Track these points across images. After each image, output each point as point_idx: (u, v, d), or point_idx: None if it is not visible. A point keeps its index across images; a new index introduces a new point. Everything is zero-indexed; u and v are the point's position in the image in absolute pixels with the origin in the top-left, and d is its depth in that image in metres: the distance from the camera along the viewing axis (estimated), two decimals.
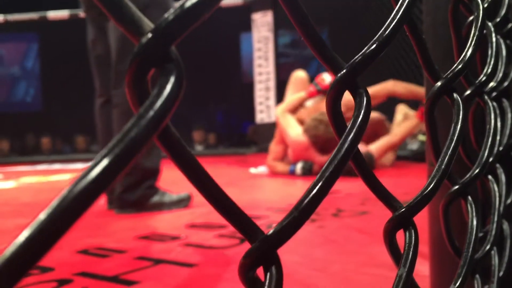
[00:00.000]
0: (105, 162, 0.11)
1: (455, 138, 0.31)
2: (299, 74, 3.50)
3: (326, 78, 3.31)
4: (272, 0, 5.28)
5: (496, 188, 0.40)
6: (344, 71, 0.21)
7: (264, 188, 2.71)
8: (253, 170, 3.53)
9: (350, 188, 2.42)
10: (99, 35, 1.98)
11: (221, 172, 3.40)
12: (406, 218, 0.28)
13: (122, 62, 1.85)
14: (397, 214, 0.27)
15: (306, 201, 0.16)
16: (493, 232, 0.38)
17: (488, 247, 0.37)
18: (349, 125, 0.20)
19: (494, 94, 0.43)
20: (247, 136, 6.57)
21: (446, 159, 0.30)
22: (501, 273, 0.40)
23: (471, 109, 0.41)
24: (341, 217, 1.63)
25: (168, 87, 0.12)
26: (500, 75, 0.43)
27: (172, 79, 0.12)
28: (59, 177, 3.63)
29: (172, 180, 2.26)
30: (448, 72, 0.33)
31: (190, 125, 6.56)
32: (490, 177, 0.40)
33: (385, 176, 2.94)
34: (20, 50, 7.57)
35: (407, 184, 2.43)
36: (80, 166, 4.58)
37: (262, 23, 5.29)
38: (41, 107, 7.85)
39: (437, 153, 0.32)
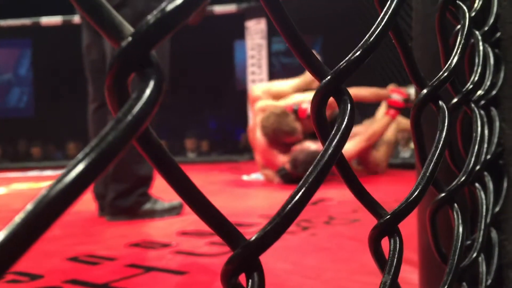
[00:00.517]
0: (81, 166, 0.11)
1: (440, 145, 0.31)
2: (254, 90, 3.38)
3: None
4: None
5: (483, 196, 0.40)
6: (329, 77, 0.21)
7: (257, 196, 2.70)
8: (245, 177, 3.52)
9: (342, 196, 2.42)
10: (94, 40, 1.98)
11: (213, 179, 3.40)
12: (391, 225, 0.28)
13: None
14: (382, 221, 0.27)
15: (288, 207, 0.16)
16: (480, 240, 0.38)
17: (475, 254, 0.38)
18: (333, 131, 0.20)
19: (482, 102, 0.44)
20: (240, 143, 6.57)
21: (431, 166, 0.30)
22: (489, 282, 0.40)
23: (459, 117, 0.41)
24: (333, 224, 1.63)
25: (147, 92, 0.12)
26: (488, 83, 0.43)
27: (151, 84, 0.12)
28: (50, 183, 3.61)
29: (164, 188, 2.24)
30: (434, 80, 0.33)
31: (183, 132, 6.56)
32: (477, 185, 0.40)
33: (377, 183, 2.94)
34: (13, 56, 7.54)
35: (398, 192, 2.44)
36: None
37: (256, 31, 5.31)
38: (34, 113, 7.81)
39: (423, 160, 0.32)
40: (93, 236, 1.57)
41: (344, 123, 0.20)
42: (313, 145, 2.88)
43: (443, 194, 0.35)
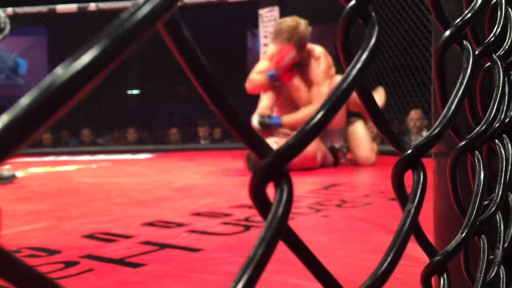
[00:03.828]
0: (104, 44, 0.11)
1: (465, 82, 0.31)
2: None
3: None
4: None
5: (503, 152, 0.40)
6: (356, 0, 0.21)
7: None
8: None
9: (355, 181, 2.43)
10: None
11: (226, 165, 3.42)
12: (415, 159, 0.28)
13: None
14: (406, 154, 0.28)
15: (311, 124, 0.17)
16: (500, 194, 0.38)
17: (493, 209, 0.38)
18: (357, 54, 0.20)
19: (503, 64, 0.43)
20: None
21: (454, 103, 0.30)
22: (506, 244, 0.41)
23: (479, 76, 0.41)
24: (345, 207, 1.64)
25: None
26: (510, 42, 0.43)
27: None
28: (66, 167, 3.66)
29: None
30: (458, 20, 0.34)
31: (196, 120, 6.58)
32: (497, 141, 0.41)
33: (387, 170, 2.93)
34: (29, 43, 7.61)
35: (408, 179, 2.43)
36: (86, 158, 4.61)
37: (269, 18, 5.29)
38: None
39: (444, 102, 0.32)
40: (108, 216, 1.60)
41: (370, 46, 0.20)
42: (274, 145, 2.86)
43: (464, 142, 0.35)
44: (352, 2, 0.21)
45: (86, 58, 0.11)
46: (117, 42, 0.11)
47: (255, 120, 3.06)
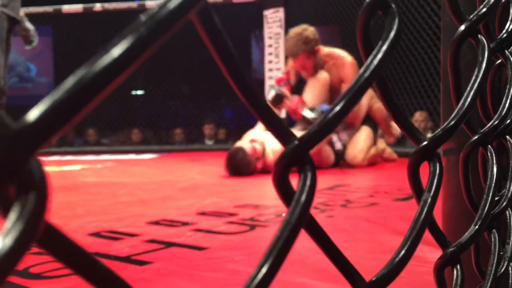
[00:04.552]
0: (137, 35, 0.11)
1: (480, 75, 0.31)
2: None
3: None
4: None
5: None
6: None
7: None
8: None
9: (360, 182, 2.43)
10: None
11: None
12: (431, 150, 0.28)
13: None
14: (422, 146, 0.28)
15: (330, 115, 0.18)
16: (511, 191, 0.38)
17: (504, 203, 0.38)
18: (377, 46, 0.21)
19: None
20: None
21: (470, 95, 0.31)
22: None
23: (490, 72, 0.41)
24: (350, 208, 1.64)
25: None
26: None
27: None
28: (71, 167, 3.67)
29: None
30: (473, 15, 0.34)
31: (200, 120, 6.59)
32: (508, 137, 0.41)
33: (393, 170, 2.94)
34: (38, 48, 7.64)
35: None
36: (91, 158, 4.62)
37: (274, 19, 5.29)
38: None
39: (458, 96, 0.32)
40: (113, 215, 1.60)
41: (390, 37, 0.20)
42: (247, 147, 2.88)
43: (477, 136, 0.36)
44: None
45: (120, 47, 0.11)
46: (152, 31, 0.11)
47: (270, 93, 3.08)
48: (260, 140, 2.94)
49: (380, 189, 2.10)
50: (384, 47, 0.20)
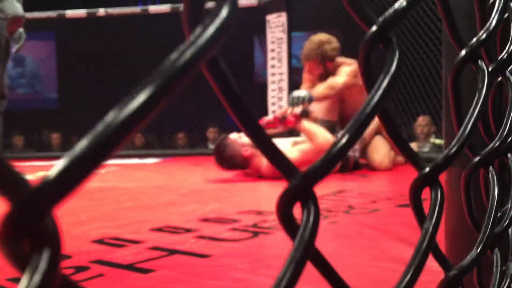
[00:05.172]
0: (150, 89, 0.12)
1: (480, 102, 0.32)
2: None
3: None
4: (286, 2, 5.30)
5: None
6: (377, 25, 0.22)
7: (276, 186, 2.72)
8: None
9: (362, 188, 2.43)
10: None
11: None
12: (432, 177, 0.29)
13: None
14: (424, 172, 0.29)
15: (336, 148, 0.18)
16: None
17: (506, 222, 0.38)
18: (378, 80, 0.21)
19: None
20: None
21: (471, 122, 0.31)
22: None
23: (491, 91, 0.42)
24: (353, 214, 1.64)
25: (223, 13, 0.14)
26: None
27: None
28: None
29: None
30: (473, 40, 0.34)
31: (204, 124, 6.60)
32: (510, 155, 0.41)
33: (396, 177, 2.93)
34: (38, 48, 7.68)
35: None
36: None
37: (276, 24, 5.31)
38: (57, 104, 7.95)
39: (460, 121, 0.33)
40: (117, 221, 1.61)
41: (392, 70, 0.21)
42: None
43: (478, 157, 0.36)
44: (373, 28, 0.21)
45: (138, 100, 0.12)
46: (162, 87, 0.12)
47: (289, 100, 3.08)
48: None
49: (382, 195, 2.10)
50: (385, 82, 0.20)
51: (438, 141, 4.18)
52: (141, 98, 0.12)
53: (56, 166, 0.11)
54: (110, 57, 6.67)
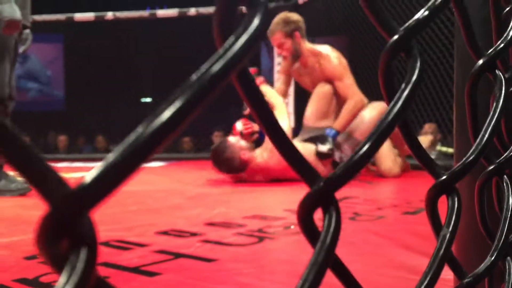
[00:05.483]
0: (182, 100, 0.13)
1: (498, 111, 0.32)
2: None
3: (237, 126, 3.21)
4: (293, 7, 5.31)
5: None
6: (399, 34, 0.22)
7: (280, 191, 2.72)
8: None
9: (368, 195, 2.42)
10: None
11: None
12: (449, 184, 0.29)
13: None
14: (441, 180, 0.29)
15: (359, 154, 0.18)
16: None
17: None
18: (399, 90, 0.21)
19: None
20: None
21: (489, 130, 0.31)
22: None
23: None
24: (358, 221, 1.64)
25: (255, 22, 0.14)
26: None
27: None
28: (80, 174, 3.69)
29: None
30: (491, 50, 0.34)
31: (209, 129, 6.62)
32: None
33: (402, 183, 2.92)
34: (46, 50, 7.73)
35: (423, 193, 2.42)
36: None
37: None
38: (64, 106, 7.99)
39: (475, 130, 0.33)
40: (122, 224, 1.61)
41: (413, 79, 0.21)
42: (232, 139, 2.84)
43: (493, 166, 0.36)
44: (395, 37, 0.22)
45: (170, 110, 0.12)
46: (195, 97, 0.12)
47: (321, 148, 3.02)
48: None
49: (388, 202, 2.10)
50: (406, 92, 0.20)
51: (444, 148, 4.16)
52: (172, 109, 0.12)
53: (94, 170, 0.11)
54: (117, 60, 6.71)
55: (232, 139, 2.89)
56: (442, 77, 4.26)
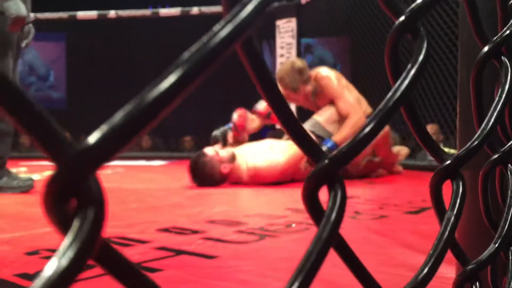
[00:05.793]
0: (191, 62, 0.12)
1: (504, 96, 0.32)
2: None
3: (259, 106, 3.31)
4: (296, 8, 5.31)
5: None
6: (405, 15, 0.22)
7: (282, 190, 2.72)
8: None
9: (369, 194, 2.42)
10: None
11: None
12: (454, 169, 0.29)
13: None
14: (445, 165, 0.29)
15: (364, 132, 0.18)
16: None
17: None
18: (406, 69, 0.21)
19: None
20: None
21: (494, 115, 0.31)
22: None
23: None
24: (360, 220, 1.63)
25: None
26: None
27: None
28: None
29: None
30: (496, 36, 0.34)
31: (210, 128, 6.61)
32: None
33: (404, 184, 2.92)
34: (48, 48, 7.74)
35: (424, 193, 2.42)
36: None
37: (286, 29, 5.32)
38: (67, 105, 8.00)
39: (480, 116, 0.33)
40: (123, 221, 1.61)
41: (419, 60, 0.21)
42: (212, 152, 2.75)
43: (497, 155, 0.36)
44: (402, 18, 0.22)
45: (171, 78, 0.12)
46: (199, 63, 0.12)
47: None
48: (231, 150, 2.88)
49: (389, 201, 2.09)
50: (413, 71, 0.20)
51: (446, 149, 4.16)
52: (179, 71, 0.12)
53: (97, 131, 0.11)
54: (119, 59, 6.71)
55: (209, 151, 2.73)
56: (444, 77, 4.26)
